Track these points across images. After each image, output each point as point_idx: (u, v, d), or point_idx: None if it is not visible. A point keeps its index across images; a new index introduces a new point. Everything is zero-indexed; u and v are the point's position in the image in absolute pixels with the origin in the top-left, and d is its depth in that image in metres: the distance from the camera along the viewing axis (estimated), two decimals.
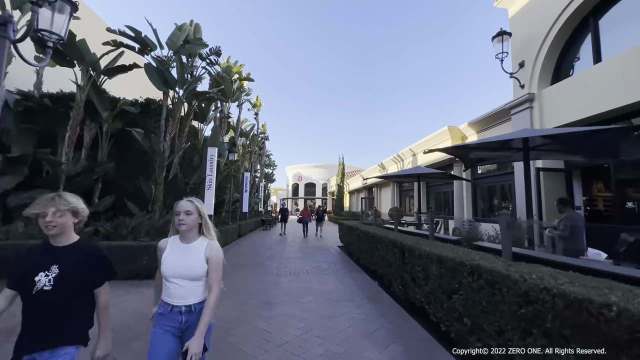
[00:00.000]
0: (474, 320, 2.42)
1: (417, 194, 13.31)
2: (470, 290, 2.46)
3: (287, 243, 11.62)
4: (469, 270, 2.51)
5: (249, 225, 15.18)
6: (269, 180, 29.99)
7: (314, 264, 7.25)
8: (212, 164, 9.78)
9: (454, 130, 10.23)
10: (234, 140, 14.78)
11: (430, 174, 7.75)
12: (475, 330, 2.42)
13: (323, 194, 49.57)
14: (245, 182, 16.54)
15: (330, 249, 9.93)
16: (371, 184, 21.94)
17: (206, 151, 9.74)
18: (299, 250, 9.70)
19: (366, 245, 6.18)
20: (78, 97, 8.06)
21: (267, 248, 10.10)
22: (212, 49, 9.59)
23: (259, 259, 7.98)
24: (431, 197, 13.78)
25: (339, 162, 30.55)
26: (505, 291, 2.07)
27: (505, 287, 2.07)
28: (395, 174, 8.13)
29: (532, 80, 6.97)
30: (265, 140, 22.70)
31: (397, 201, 17.53)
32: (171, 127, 8.78)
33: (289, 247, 10.49)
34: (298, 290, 4.97)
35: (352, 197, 32.20)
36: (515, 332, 1.99)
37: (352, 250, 7.75)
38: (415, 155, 13.42)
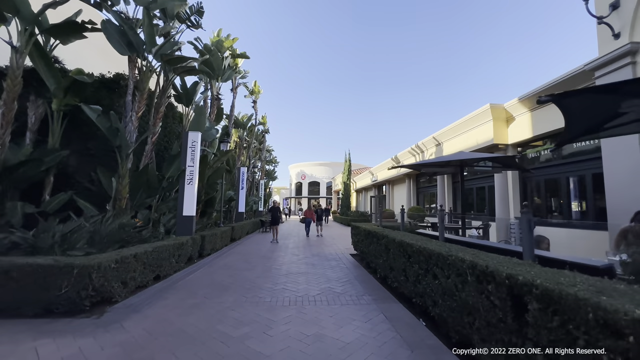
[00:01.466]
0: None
1: (446, 189, 11.24)
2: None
3: (287, 250, 9.63)
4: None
5: (244, 227, 13.22)
6: (270, 177, 28.02)
7: (324, 284, 5.24)
8: (195, 152, 7.83)
9: (498, 109, 8.14)
10: (228, 129, 12.82)
11: (481, 159, 5.70)
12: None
13: (328, 193, 47.64)
14: (241, 178, 14.60)
15: (341, 258, 7.92)
16: (382, 181, 19.88)
17: (186, 136, 7.79)
18: (302, 260, 7.70)
19: (403, 263, 4.15)
20: (14, 62, 6.15)
21: (263, 257, 8.12)
22: (193, 7, 7.61)
23: (250, 275, 5.99)
24: (457, 194, 11.69)
25: (346, 158, 28.45)
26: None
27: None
28: (431, 162, 6.07)
29: (636, 25, 4.87)
30: (266, 133, 20.73)
31: (414, 199, 15.46)
32: (139, 103, 6.83)
33: (290, 255, 8.50)
34: (300, 345, 2.97)
35: (360, 195, 30.15)
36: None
37: (376, 265, 5.74)
38: (441, 145, 11.34)
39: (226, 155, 10.48)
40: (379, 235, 5.37)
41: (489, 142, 8.31)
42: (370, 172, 21.87)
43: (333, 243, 11.35)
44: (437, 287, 3.13)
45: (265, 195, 24.95)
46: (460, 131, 10.00)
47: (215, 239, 8.57)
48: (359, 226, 7.47)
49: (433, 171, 6.88)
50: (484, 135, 8.68)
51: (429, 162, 6.21)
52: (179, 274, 5.86)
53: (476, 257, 2.65)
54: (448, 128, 10.50)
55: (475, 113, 8.71)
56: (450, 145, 10.70)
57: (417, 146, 12.95)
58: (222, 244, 9.66)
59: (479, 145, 8.77)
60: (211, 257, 7.92)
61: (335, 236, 14.00)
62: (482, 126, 8.75)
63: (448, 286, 2.88)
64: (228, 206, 14.58)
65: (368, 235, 6.31)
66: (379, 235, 5.36)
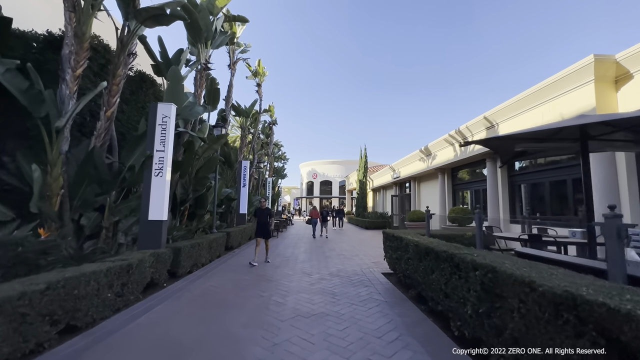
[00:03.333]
0: None
1: (500, 184, 8.32)
2: None
3: (295, 265, 7.29)
4: None
5: (245, 231, 10.96)
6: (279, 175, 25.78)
7: (358, 350, 2.85)
8: (167, 131, 5.60)
9: (605, 63, 5.50)
10: (225, 114, 10.60)
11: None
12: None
13: (340, 193, 45.19)
14: (243, 173, 12.39)
15: (372, 282, 5.51)
16: (405, 178, 17.29)
17: (155, 109, 5.60)
18: (316, 284, 5.34)
19: (559, 340, 1.70)
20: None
21: (262, 277, 5.81)
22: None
23: (234, 319, 3.68)
24: (515, 190, 9.03)
25: (361, 154, 25.86)
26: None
27: None
28: (536, 130, 3.52)
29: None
30: (273, 125, 18.48)
31: (449, 198, 12.83)
32: (76, 55, 4.65)
33: (300, 274, 6.16)
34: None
35: (377, 195, 27.53)
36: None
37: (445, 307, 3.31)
38: (495, 127, 8.72)
39: (219, 142, 8.25)
40: (464, 263, 2.91)
41: (586, 113, 5.68)
42: (392, 167, 19.28)
43: (354, 253, 8.94)
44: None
45: (273, 195, 22.74)
46: (531, 104, 7.35)
47: (197, 251, 6.33)
48: (400, 237, 5.03)
49: (532, 148, 4.33)
50: (575, 105, 6.06)
51: (529, 133, 3.66)
52: (115, 320, 3.59)
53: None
54: (511, 102, 7.85)
55: (563, 73, 6.07)
56: (512, 126, 8.08)
57: (459, 131, 10.34)
58: (212, 256, 7.42)
59: (565, 120, 6.14)
60: (189, 279, 5.66)
61: (354, 244, 11.57)
62: (572, 93, 6.11)
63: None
64: (228, 207, 12.41)
65: (425, 256, 3.86)
66: (464, 264, 2.89)
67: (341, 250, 9.58)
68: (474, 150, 9.78)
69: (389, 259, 5.92)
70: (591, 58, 5.46)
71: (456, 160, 10.99)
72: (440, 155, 12.48)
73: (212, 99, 10.38)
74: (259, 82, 13.94)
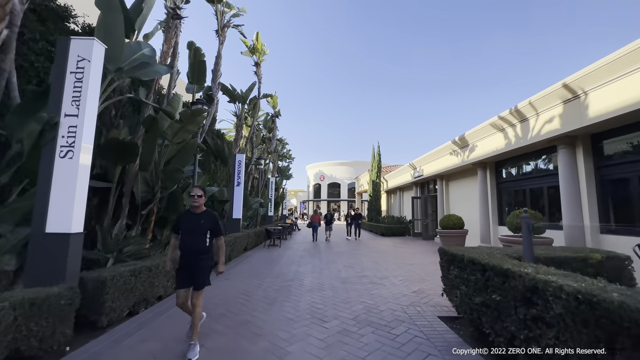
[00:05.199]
0: None
1: (585, 180, 5.54)
2: None
3: (300, 297, 4.94)
4: None
5: (236, 242, 8.63)
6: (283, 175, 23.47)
7: None
8: (86, 84, 3.32)
9: None
10: (211, 92, 8.38)
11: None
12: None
13: (349, 195, 42.80)
14: (237, 169, 10.16)
15: (428, 337, 3.09)
16: (430, 177, 14.81)
17: (65, 45, 3.32)
18: (335, 351, 2.97)
19: None
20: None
21: (240, 329, 3.47)
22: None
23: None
24: (607, 189, 6.50)
25: (373, 154, 23.38)
26: None
27: None
28: None
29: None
30: (276, 117, 16.26)
31: (493, 200, 10.30)
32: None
33: (305, 320, 3.79)
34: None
35: (391, 197, 25.01)
36: None
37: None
38: (581, 98, 6.24)
39: (196, 120, 6.00)
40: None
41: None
42: (411, 165, 16.79)
43: (381, 274, 6.52)
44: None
45: (277, 197, 20.45)
46: (618, 70, 4.92)
47: (147, 279, 4.03)
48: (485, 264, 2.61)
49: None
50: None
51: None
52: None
53: None
54: (608, 60, 5.38)
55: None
56: (610, 95, 5.60)
57: (516, 111, 7.84)
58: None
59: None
60: (119, 331, 3.36)
61: (376, 257, 9.14)
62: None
63: None
64: (220, 211, 10.16)
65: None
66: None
67: (362, 269, 7.17)
68: (539, 134, 7.31)
69: (456, 296, 3.52)
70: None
71: (509, 150, 8.49)
72: (482, 145, 9.99)
73: (197, 74, 8.17)
74: (257, 61, 11.66)
